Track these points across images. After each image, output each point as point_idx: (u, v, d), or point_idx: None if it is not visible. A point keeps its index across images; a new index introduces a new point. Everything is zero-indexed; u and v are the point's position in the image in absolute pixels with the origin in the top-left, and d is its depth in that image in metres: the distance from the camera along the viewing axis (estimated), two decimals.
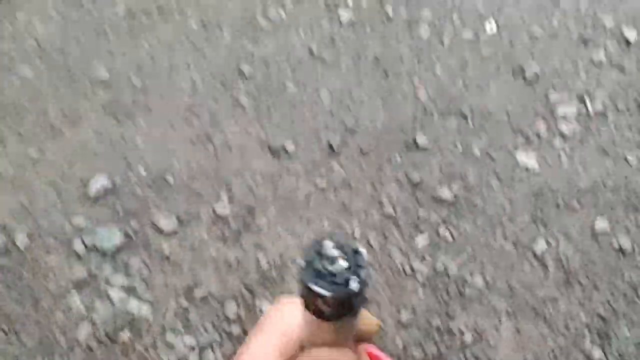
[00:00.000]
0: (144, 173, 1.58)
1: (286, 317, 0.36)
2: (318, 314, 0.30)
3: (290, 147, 1.62)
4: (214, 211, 1.52)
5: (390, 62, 1.79)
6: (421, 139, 1.64)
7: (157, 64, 1.78)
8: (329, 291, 0.29)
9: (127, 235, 1.49)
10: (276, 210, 1.52)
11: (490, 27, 1.87)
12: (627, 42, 1.83)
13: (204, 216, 1.52)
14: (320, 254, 0.30)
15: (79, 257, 1.46)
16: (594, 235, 1.50)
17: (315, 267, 0.29)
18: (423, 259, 1.46)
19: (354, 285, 0.29)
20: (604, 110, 1.70)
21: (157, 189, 1.56)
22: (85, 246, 1.47)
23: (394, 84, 1.76)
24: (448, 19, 1.90)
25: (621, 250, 1.48)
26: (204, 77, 1.75)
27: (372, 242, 1.47)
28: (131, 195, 1.55)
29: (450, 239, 1.49)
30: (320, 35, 1.85)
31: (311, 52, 1.81)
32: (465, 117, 1.69)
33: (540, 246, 1.49)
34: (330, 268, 0.29)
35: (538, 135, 1.65)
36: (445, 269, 1.45)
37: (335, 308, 0.30)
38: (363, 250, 0.31)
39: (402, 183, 1.58)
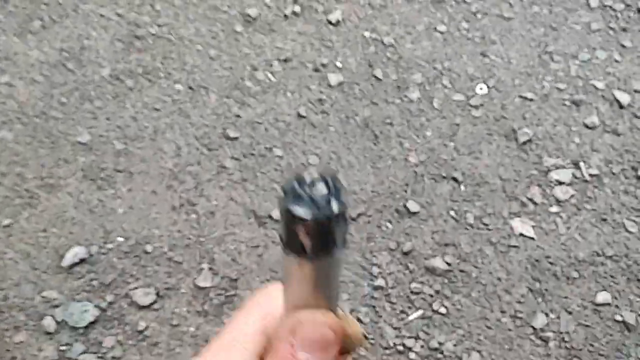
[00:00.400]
0: (122, 242, 1.51)
1: (270, 298, 0.36)
2: (299, 250, 0.30)
3: (277, 214, 1.56)
4: (194, 283, 1.44)
5: (379, 125, 1.76)
6: (412, 205, 1.59)
7: (140, 127, 1.73)
8: (311, 213, 0.29)
9: (101, 309, 1.41)
10: (261, 283, 1.44)
11: (481, 90, 1.85)
12: (620, 105, 1.81)
13: (184, 289, 1.44)
14: (300, 182, 0.30)
15: (49, 334, 1.36)
16: (596, 308, 1.43)
17: (296, 193, 0.29)
18: (417, 336, 1.37)
19: (335, 206, 0.29)
20: (599, 175, 1.66)
21: (135, 259, 1.48)
22: (57, 322, 1.38)
23: (384, 147, 1.71)
24: (438, 82, 1.87)
25: (625, 324, 1.41)
26: (188, 141, 1.71)
27: (362, 317, 1.39)
28: (108, 266, 1.47)
29: (444, 313, 1.41)
30: (309, 98, 1.82)
31: (299, 115, 1.77)
32: (457, 182, 1.64)
33: (540, 320, 1.40)
34: (310, 192, 0.30)
35: (533, 202, 1.60)
36: (440, 346, 1.36)
37: (317, 237, 0.30)
38: (340, 177, 0.28)
39: (393, 252, 1.51)
